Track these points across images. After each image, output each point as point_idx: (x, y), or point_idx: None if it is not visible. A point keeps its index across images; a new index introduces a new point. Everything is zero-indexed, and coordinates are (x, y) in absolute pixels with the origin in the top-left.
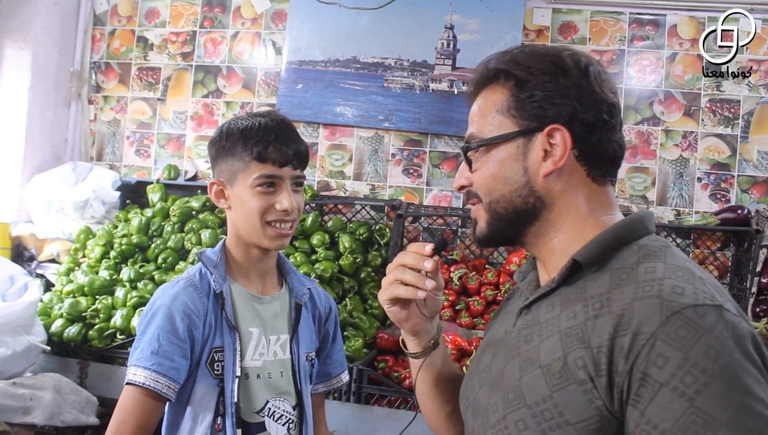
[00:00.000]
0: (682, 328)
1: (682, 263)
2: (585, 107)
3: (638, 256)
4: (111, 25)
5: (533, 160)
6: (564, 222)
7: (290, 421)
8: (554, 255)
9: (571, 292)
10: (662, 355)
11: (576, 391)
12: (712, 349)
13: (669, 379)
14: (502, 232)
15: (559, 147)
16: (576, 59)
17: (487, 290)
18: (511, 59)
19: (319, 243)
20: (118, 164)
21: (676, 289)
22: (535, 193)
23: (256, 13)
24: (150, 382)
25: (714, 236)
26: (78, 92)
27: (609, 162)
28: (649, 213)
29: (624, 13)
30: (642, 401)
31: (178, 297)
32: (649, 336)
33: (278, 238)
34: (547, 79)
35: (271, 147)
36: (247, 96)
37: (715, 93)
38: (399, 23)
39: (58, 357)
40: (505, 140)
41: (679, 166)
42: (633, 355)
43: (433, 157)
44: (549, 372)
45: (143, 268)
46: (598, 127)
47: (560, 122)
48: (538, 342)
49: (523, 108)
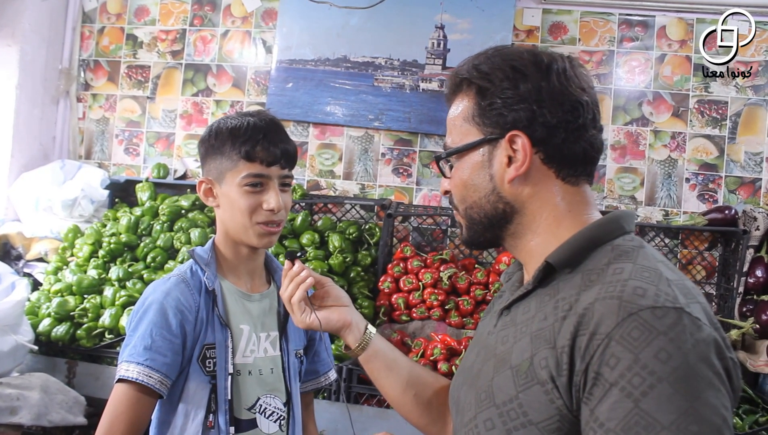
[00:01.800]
0: (637, 330)
1: (653, 264)
2: (545, 109)
3: (610, 257)
4: (100, 23)
5: (498, 166)
6: (539, 224)
7: (281, 417)
8: (533, 257)
9: (545, 294)
10: (614, 356)
11: (539, 391)
12: (664, 352)
13: (618, 380)
14: (481, 236)
15: (520, 152)
16: (538, 60)
17: (477, 290)
18: (473, 67)
19: (308, 242)
20: (106, 163)
21: (638, 290)
22: (503, 198)
23: (247, 12)
24: (143, 378)
25: (702, 236)
26: (66, 90)
27: (579, 161)
28: (628, 213)
29: (613, 14)
30: (593, 400)
31: (171, 293)
32: (604, 336)
33: (266, 236)
34: (506, 86)
35: (259, 146)
36: (237, 95)
37: (703, 94)
38: (389, 23)
39: (45, 356)
40: (471, 148)
41: (667, 166)
42: (589, 355)
43: (423, 156)
44: (517, 373)
45: (132, 267)
46: (560, 128)
47: (519, 127)
48: (512, 343)
49: (485, 115)
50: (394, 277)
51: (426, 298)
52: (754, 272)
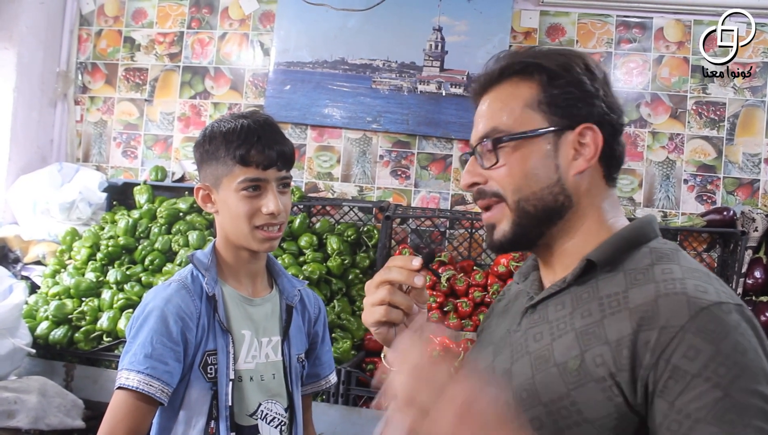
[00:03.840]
0: (711, 323)
1: (696, 265)
2: (610, 108)
3: (651, 259)
4: (97, 25)
5: (564, 157)
6: (583, 223)
7: (282, 423)
8: (567, 257)
9: (583, 292)
10: (693, 347)
11: (595, 389)
12: (741, 345)
13: (701, 371)
14: (528, 233)
15: (590, 146)
16: (596, 63)
17: (475, 292)
18: (542, 54)
19: (307, 244)
20: (104, 165)
21: (699, 288)
22: (566, 191)
23: (244, 14)
24: (143, 386)
25: (700, 238)
26: (64, 93)
27: (619, 164)
28: (655, 217)
29: (611, 15)
30: (672, 392)
31: (172, 299)
32: (678, 329)
33: (267, 241)
34: (584, 79)
35: (254, 150)
36: (235, 97)
37: (701, 95)
38: (387, 25)
39: (43, 360)
40: (537, 136)
41: (665, 167)
42: (660, 348)
43: (421, 158)
44: (565, 370)
45: (130, 270)
46: (617, 130)
47: (592, 121)
48: (549, 340)
49: (555, 104)
50: None
51: None
52: (753, 273)
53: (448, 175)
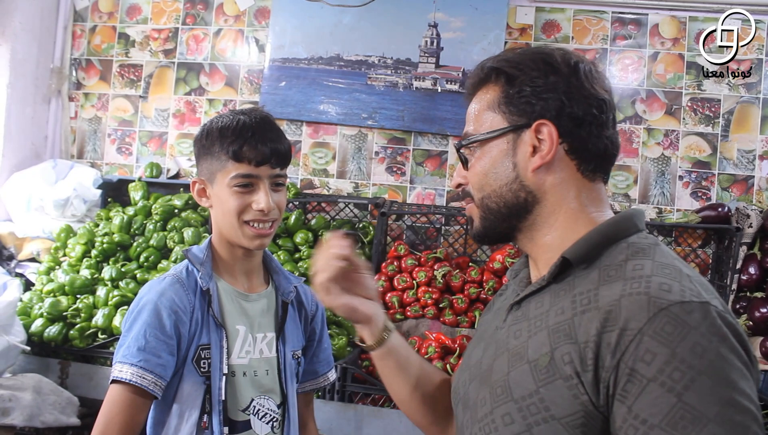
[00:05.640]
0: (669, 325)
1: (670, 261)
2: (573, 102)
3: (627, 254)
4: (92, 21)
5: (522, 155)
6: (556, 218)
7: (275, 419)
8: (546, 252)
9: (560, 289)
10: (650, 351)
11: (562, 386)
12: (699, 346)
13: (657, 375)
14: (496, 228)
15: (546, 142)
16: (566, 57)
17: (471, 288)
18: (503, 58)
19: (302, 241)
20: (99, 162)
21: (663, 286)
22: (526, 187)
23: (239, 10)
24: (137, 379)
25: (695, 234)
26: (58, 89)
27: (599, 157)
28: (640, 211)
29: (606, 12)
30: (629, 396)
31: (165, 293)
32: (636, 332)
33: (257, 238)
34: (536, 75)
35: (247, 146)
36: (230, 93)
37: (696, 92)
38: (382, 21)
39: (38, 357)
40: (496, 136)
41: (660, 164)
42: (620, 351)
43: (417, 155)
44: (536, 367)
45: (125, 267)
46: (586, 122)
47: (547, 117)
48: (526, 337)
49: (513, 103)
50: (388, 276)
51: (420, 297)
52: (747, 269)
53: (443, 171)
